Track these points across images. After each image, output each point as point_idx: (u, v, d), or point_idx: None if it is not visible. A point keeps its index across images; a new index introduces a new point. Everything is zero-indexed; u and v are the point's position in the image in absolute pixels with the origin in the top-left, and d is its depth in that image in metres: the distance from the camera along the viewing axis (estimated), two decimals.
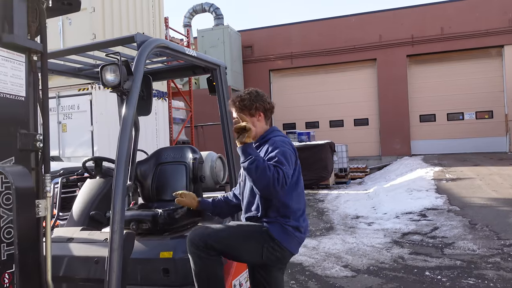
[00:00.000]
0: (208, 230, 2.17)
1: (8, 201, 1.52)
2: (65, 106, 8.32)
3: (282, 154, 2.14)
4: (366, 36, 17.78)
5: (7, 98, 1.58)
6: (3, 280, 1.48)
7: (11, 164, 1.54)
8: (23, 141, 1.60)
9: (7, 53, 1.59)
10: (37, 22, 1.70)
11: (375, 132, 18.27)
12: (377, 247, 5.81)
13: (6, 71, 1.58)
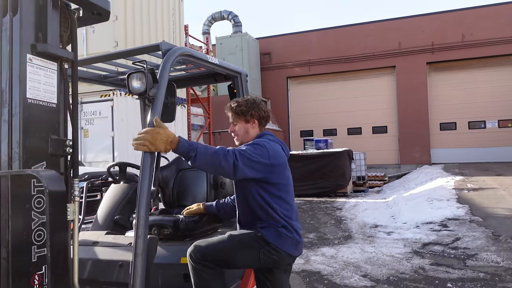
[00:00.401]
0: (204, 243, 2.18)
1: (39, 204, 1.56)
2: (87, 112, 8.50)
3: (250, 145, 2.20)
4: (385, 43, 17.65)
5: (40, 105, 1.62)
6: (33, 281, 1.52)
7: (44, 169, 1.58)
8: (54, 147, 1.64)
9: (41, 62, 1.64)
10: (68, 31, 1.75)
11: (394, 140, 18.04)
12: (397, 257, 5.71)
13: (39, 78, 1.63)
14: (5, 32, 1.59)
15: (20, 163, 1.53)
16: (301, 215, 9.75)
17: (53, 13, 1.66)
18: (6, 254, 1.48)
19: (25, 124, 1.55)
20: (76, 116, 1.79)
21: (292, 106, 19.68)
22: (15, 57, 1.57)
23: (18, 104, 1.55)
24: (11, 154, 1.54)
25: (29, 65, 1.59)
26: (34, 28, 1.61)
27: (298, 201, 12.38)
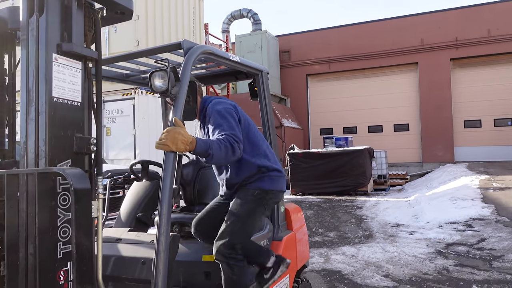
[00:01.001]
0: (223, 237, 2.20)
1: (64, 201, 1.59)
2: (109, 110, 8.64)
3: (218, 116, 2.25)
4: (407, 40, 17.32)
5: (65, 104, 1.65)
6: (59, 277, 1.55)
7: (69, 167, 1.60)
8: (78, 145, 1.67)
9: (66, 61, 1.67)
10: (92, 30, 1.77)
11: (416, 138, 17.70)
12: (419, 257, 5.60)
13: (65, 77, 1.66)
14: (31, 32, 1.62)
15: (46, 161, 1.56)
16: (321, 214, 9.68)
17: (77, 13, 1.69)
18: (33, 250, 1.51)
19: (51, 122, 1.58)
20: (100, 114, 1.82)
21: (312, 104, 19.54)
22: (41, 57, 1.60)
23: (45, 103, 1.58)
24: (37, 152, 1.57)
25: (54, 65, 1.62)
26: (59, 28, 1.64)
27: (318, 199, 12.30)
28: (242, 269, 2.20)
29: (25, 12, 1.64)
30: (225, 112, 2.28)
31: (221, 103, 2.38)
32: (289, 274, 2.96)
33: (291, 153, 13.52)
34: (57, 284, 1.54)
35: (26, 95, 1.62)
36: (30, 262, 1.51)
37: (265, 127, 2.98)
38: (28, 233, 1.53)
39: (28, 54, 1.62)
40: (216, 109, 2.29)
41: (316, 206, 11.00)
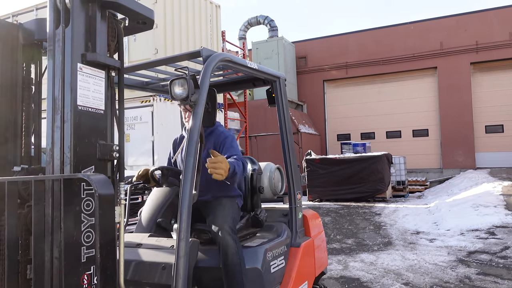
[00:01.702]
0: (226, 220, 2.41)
1: (88, 207, 1.62)
2: (128, 117, 8.79)
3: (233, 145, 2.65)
4: (426, 44, 17.10)
5: (89, 112, 1.70)
6: (82, 281, 1.58)
7: (94, 173, 1.64)
8: (102, 151, 1.71)
9: (90, 70, 1.72)
10: (115, 40, 1.82)
11: (436, 143, 17.41)
12: (440, 265, 5.50)
13: (89, 86, 1.70)
14: (57, 43, 1.68)
15: (71, 167, 1.60)
16: (339, 220, 9.59)
17: (101, 23, 1.74)
18: (58, 254, 1.55)
19: (76, 130, 1.62)
20: (122, 122, 1.86)
21: (329, 109, 19.44)
22: (67, 66, 1.65)
23: (70, 111, 1.62)
24: (63, 159, 1.61)
25: (79, 74, 1.67)
26: (84, 39, 1.69)
27: (336, 205, 12.20)
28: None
29: (52, 23, 1.70)
30: (234, 139, 2.73)
31: (229, 132, 2.79)
32: (308, 280, 2.95)
33: (308, 159, 13.47)
34: (80, 287, 1.57)
35: (52, 104, 1.67)
36: (55, 265, 1.55)
37: (282, 133, 2.99)
38: (53, 237, 1.57)
39: (54, 64, 1.68)
40: (230, 135, 2.70)
41: (334, 212, 10.91)
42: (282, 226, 2.91)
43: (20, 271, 1.73)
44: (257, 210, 2.85)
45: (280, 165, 3.34)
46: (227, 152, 2.57)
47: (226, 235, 2.33)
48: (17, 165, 1.88)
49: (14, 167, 1.86)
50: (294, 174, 3.01)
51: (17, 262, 1.73)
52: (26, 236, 1.75)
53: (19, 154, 1.93)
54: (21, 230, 1.75)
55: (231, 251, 2.30)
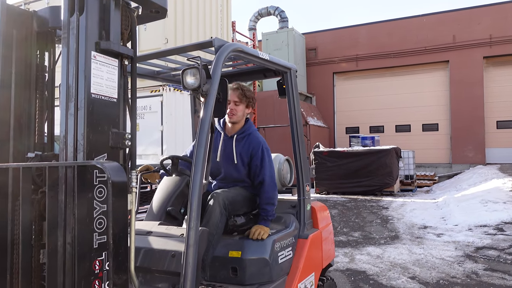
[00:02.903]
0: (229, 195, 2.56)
1: (100, 194, 1.64)
2: (138, 107, 8.81)
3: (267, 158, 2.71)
4: (439, 37, 16.86)
5: (102, 100, 1.71)
6: (94, 266, 1.61)
7: (107, 161, 1.65)
8: (114, 140, 1.72)
9: (104, 58, 1.72)
10: (129, 29, 1.82)
11: (446, 138, 17.25)
12: (447, 260, 5.48)
13: (102, 74, 1.71)
14: (72, 31, 1.69)
15: (84, 154, 1.61)
16: (346, 213, 9.59)
17: (115, 12, 1.74)
18: (71, 240, 1.58)
19: (89, 118, 1.63)
20: (134, 110, 1.87)
21: (338, 102, 19.33)
22: (81, 54, 1.65)
23: (83, 99, 1.63)
24: (76, 146, 1.63)
25: (93, 62, 1.67)
26: (98, 27, 1.70)
27: (343, 198, 12.19)
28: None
29: (66, 11, 1.70)
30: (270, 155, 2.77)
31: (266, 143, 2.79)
32: (315, 272, 2.97)
33: (316, 151, 13.44)
34: (92, 273, 1.60)
35: (66, 91, 1.67)
36: (68, 251, 1.58)
37: (292, 125, 2.99)
38: (66, 223, 1.59)
39: (69, 52, 1.68)
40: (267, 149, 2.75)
41: (341, 205, 10.91)
42: (290, 218, 2.92)
43: (34, 255, 1.77)
44: None
45: (288, 156, 3.34)
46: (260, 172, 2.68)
47: (216, 205, 2.42)
48: (30, 152, 1.90)
49: (28, 154, 1.88)
50: (303, 166, 3.01)
51: (31, 246, 1.76)
52: (40, 222, 1.78)
53: (32, 141, 1.94)
54: (34, 215, 1.77)
55: (212, 220, 2.39)
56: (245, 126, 2.81)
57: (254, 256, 2.46)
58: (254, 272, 2.44)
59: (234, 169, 2.75)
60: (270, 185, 2.68)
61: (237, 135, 2.77)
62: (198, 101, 3.11)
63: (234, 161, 2.73)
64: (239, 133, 2.78)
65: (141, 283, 2.06)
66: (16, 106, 1.89)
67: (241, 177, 2.77)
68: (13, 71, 1.88)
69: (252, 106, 2.86)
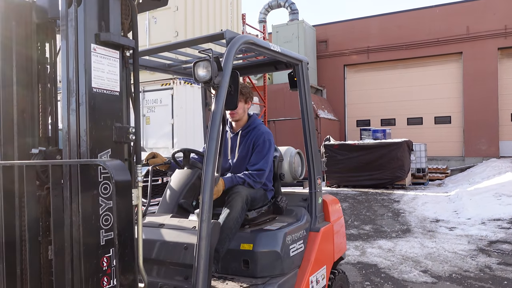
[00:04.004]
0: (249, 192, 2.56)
1: (105, 190, 1.61)
2: (149, 100, 8.87)
3: (267, 148, 2.70)
4: (452, 28, 16.57)
5: (104, 94, 1.65)
6: (102, 263, 1.59)
7: (110, 158, 1.62)
8: (118, 134, 1.67)
9: (104, 50, 1.66)
10: (129, 19, 1.74)
11: (458, 131, 17.02)
12: (460, 254, 5.43)
13: (103, 67, 1.65)
14: (70, 23, 1.61)
15: (87, 150, 1.57)
16: (357, 206, 9.56)
17: (114, 1, 1.67)
18: (77, 237, 1.55)
19: (91, 113, 1.58)
20: (138, 103, 1.81)
21: (349, 95, 19.17)
22: (80, 47, 1.59)
23: (85, 94, 1.58)
24: (79, 142, 1.58)
25: (93, 55, 1.61)
26: (97, 18, 1.63)
27: (353, 191, 12.14)
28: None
29: (64, 2, 1.64)
30: (271, 147, 2.75)
31: (270, 134, 2.81)
32: (326, 265, 2.96)
33: (327, 144, 13.38)
34: (100, 270, 1.58)
35: (67, 86, 1.62)
36: (75, 248, 1.55)
37: (304, 117, 2.97)
38: (72, 220, 1.57)
39: (68, 45, 1.63)
40: (269, 140, 2.75)
41: (352, 198, 10.87)
42: (301, 211, 2.92)
43: (42, 252, 1.75)
44: (278, 196, 2.87)
45: (300, 149, 3.32)
46: (254, 159, 2.69)
47: (239, 200, 2.43)
48: (35, 146, 1.84)
49: (32, 149, 1.82)
50: (314, 159, 2.99)
51: (38, 243, 1.75)
52: (46, 218, 1.76)
53: (37, 135, 1.88)
54: (41, 212, 1.75)
55: (233, 214, 2.39)
56: (249, 121, 2.86)
57: (265, 249, 2.46)
58: (266, 264, 2.45)
59: (242, 164, 2.77)
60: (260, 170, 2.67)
61: (242, 131, 2.83)
62: (209, 94, 3.13)
63: (242, 156, 2.76)
64: (243, 128, 2.84)
65: (155, 275, 2.08)
66: (18, 101, 1.83)
67: None
68: (14, 64, 1.82)
69: (251, 101, 2.91)
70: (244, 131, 2.82)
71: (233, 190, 2.50)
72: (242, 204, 2.45)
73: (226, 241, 2.36)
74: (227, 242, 2.37)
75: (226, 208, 2.43)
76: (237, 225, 2.43)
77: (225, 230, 2.36)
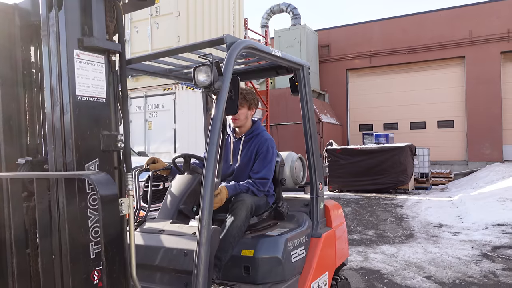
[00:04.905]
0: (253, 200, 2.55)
1: (94, 201, 1.56)
2: (151, 105, 8.88)
3: (269, 155, 2.70)
4: (455, 32, 16.55)
5: (90, 101, 1.58)
6: (93, 277, 1.55)
7: (97, 169, 1.54)
8: (105, 143, 1.60)
9: (88, 56, 1.58)
10: (114, 21, 1.66)
11: (461, 135, 16.95)
12: (464, 260, 5.38)
13: (87, 74, 1.58)
14: (52, 28, 1.54)
15: (73, 161, 1.50)
16: (359, 211, 9.51)
17: (98, 3, 1.59)
18: (66, 250, 1.50)
19: (76, 122, 1.52)
20: (126, 109, 1.73)
21: (351, 99, 19.16)
22: (63, 54, 1.52)
23: (69, 102, 1.51)
24: (65, 153, 1.52)
25: (76, 61, 1.54)
26: (79, 22, 1.55)
27: (356, 196, 12.08)
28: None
29: (44, 6, 1.55)
30: (273, 155, 2.74)
31: (273, 142, 2.81)
32: (328, 271, 2.93)
33: (329, 149, 13.35)
34: (91, 284, 1.53)
35: (50, 94, 1.56)
36: (64, 261, 1.51)
37: (305, 122, 2.95)
38: (60, 233, 1.52)
39: (50, 52, 1.55)
40: (272, 147, 2.74)
41: (354, 203, 10.82)
42: (303, 216, 2.90)
43: (31, 264, 1.70)
44: (279, 202, 2.85)
45: (301, 154, 3.31)
46: (257, 166, 2.68)
47: (244, 209, 2.42)
48: (23, 155, 1.76)
49: (19, 159, 1.75)
50: (316, 163, 2.97)
51: (27, 255, 1.69)
52: (35, 230, 1.69)
53: (24, 142, 1.81)
54: (30, 223, 1.69)
55: (237, 222, 2.38)
56: (253, 127, 2.86)
57: (266, 255, 2.44)
58: (267, 271, 2.42)
59: (245, 170, 2.76)
60: (264, 179, 2.67)
61: (245, 136, 2.83)
62: (210, 99, 3.11)
63: (244, 162, 2.76)
64: (247, 134, 2.83)
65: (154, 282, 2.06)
66: (4, 107, 1.74)
67: None
68: None
69: (255, 107, 2.90)
70: (247, 136, 2.82)
71: (238, 198, 2.49)
72: (247, 213, 2.45)
73: (229, 249, 2.35)
74: (230, 250, 2.36)
75: (230, 216, 2.42)
76: (240, 233, 2.42)
77: (229, 238, 2.35)
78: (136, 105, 9.09)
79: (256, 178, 2.63)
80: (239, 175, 2.77)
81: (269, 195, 2.82)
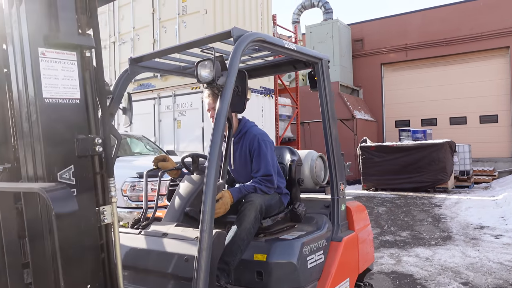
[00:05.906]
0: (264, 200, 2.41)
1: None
2: (180, 104, 8.91)
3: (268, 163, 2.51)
4: (498, 21, 15.59)
5: (60, 103, 1.43)
6: None
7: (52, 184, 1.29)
8: (81, 147, 1.46)
9: (56, 54, 1.43)
10: (88, 13, 1.51)
11: (507, 130, 15.99)
12: (506, 265, 5.00)
13: (56, 74, 1.43)
14: (14, 25, 1.41)
15: (43, 170, 1.38)
16: (394, 211, 9.14)
17: None
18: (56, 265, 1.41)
19: (45, 127, 1.39)
20: (105, 109, 1.58)
21: (386, 94, 18.53)
22: (26, 53, 1.39)
23: (35, 106, 1.38)
24: (35, 161, 1.40)
25: (42, 61, 1.40)
26: (44, 16, 1.40)
27: (391, 195, 11.66)
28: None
29: (6, 2, 1.43)
30: (268, 147, 2.56)
31: (265, 135, 2.66)
32: (350, 277, 2.75)
33: (363, 146, 12.98)
34: None
35: (17, 98, 1.45)
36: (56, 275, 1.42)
37: (324, 119, 2.78)
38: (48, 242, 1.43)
39: (14, 51, 1.43)
40: (264, 141, 2.57)
41: (389, 202, 10.43)
42: (322, 219, 2.73)
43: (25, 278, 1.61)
44: (296, 203, 2.70)
45: (322, 153, 3.14)
46: (255, 165, 2.53)
47: (252, 210, 2.29)
48: (10, 159, 1.63)
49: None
50: (337, 163, 2.79)
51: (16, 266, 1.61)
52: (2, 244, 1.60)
53: (11, 147, 1.67)
54: (19, 236, 1.58)
55: (245, 224, 2.25)
56: (240, 126, 2.71)
57: (280, 260, 2.30)
58: (280, 276, 2.29)
59: (243, 172, 2.66)
60: (267, 175, 2.51)
61: (234, 138, 2.69)
62: None
63: (241, 165, 2.66)
64: (235, 135, 2.70)
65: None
66: None
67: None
68: None
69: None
70: (237, 137, 2.69)
71: (246, 199, 2.36)
72: (256, 214, 2.31)
73: (237, 253, 2.23)
74: (238, 254, 2.24)
75: (239, 217, 2.30)
76: (250, 236, 2.29)
77: (237, 241, 2.23)
78: (166, 104, 9.16)
79: (259, 176, 2.50)
80: (238, 179, 2.67)
81: (282, 194, 2.67)
